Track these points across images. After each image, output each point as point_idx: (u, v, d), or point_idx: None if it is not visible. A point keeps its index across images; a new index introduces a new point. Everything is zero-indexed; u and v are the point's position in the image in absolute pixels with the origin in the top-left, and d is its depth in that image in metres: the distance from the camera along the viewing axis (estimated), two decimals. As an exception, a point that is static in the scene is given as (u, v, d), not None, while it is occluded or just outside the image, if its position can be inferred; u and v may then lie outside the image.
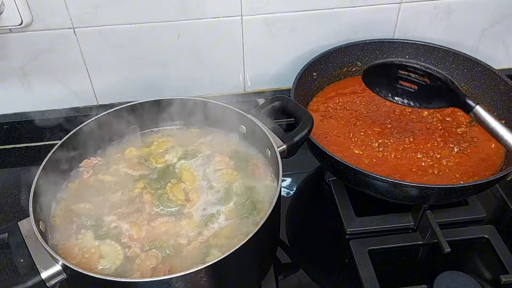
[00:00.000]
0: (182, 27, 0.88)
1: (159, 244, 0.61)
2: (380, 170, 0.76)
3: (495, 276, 0.71)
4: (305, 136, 0.70)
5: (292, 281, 0.73)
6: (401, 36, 0.96)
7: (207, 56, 0.93)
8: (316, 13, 0.90)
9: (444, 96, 0.72)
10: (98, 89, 0.95)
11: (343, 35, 0.94)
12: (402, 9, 0.92)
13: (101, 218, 0.65)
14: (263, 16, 0.89)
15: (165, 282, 0.53)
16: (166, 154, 0.75)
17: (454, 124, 0.84)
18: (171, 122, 0.79)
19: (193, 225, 0.64)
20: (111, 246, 0.62)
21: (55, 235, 0.64)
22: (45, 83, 0.92)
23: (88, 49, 0.88)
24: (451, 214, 0.79)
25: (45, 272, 0.55)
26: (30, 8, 0.81)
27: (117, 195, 0.68)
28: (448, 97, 0.72)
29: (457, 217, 0.80)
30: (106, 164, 0.73)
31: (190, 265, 0.59)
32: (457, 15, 0.94)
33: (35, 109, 0.96)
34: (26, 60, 0.88)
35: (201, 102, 0.76)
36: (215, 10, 0.86)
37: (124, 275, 0.58)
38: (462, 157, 0.78)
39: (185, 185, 0.69)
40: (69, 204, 0.68)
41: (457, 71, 0.93)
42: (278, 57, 0.96)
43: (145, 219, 0.65)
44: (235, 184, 0.69)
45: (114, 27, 0.86)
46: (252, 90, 1.00)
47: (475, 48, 0.99)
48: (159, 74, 0.94)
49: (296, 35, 0.92)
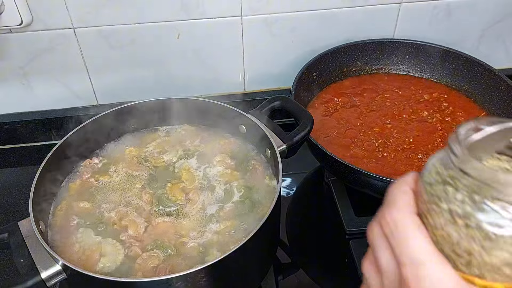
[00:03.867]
0: (182, 27, 0.88)
1: (160, 244, 0.62)
2: (380, 170, 0.76)
3: (495, 276, 0.71)
4: (305, 136, 0.70)
5: (292, 281, 0.73)
6: (401, 36, 0.96)
7: (207, 56, 0.93)
8: (316, 13, 0.90)
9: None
10: (98, 89, 0.95)
11: (343, 35, 0.94)
12: (402, 9, 0.92)
13: (101, 218, 0.65)
14: (263, 16, 0.89)
15: (164, 282, 0.53)
16: (165, 154, 0.75)
17: (454, 124, 0.84)
18: (171, 122, 0.79)
19: (193, 225, 0.64)
20: (112, 245, 0.62)
21: (55, 235, 0.64)
22: (45, 83, 0.92)
23: (88, 49, 0.88)
24: (451, 214, 0.79)
25: (45, 272, 0.55)
26: (30, 8, 0.81)
27: (117, 195, 0.69)
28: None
29: (457, 217, 0.79)
30: (106, 164, 0.73)
31: (190, 265, 0.59)
32: (457, 15, 0.94)
33: (35, 109, 0.96)
34: (26, 60, 0.88)
35: (201, 102, 0.76)
36: (215, 10, 0.86)
37: (125, 274, 0.58)
38: (462, 157, 0.78)
39: (185, 185, 0.69)
40: (69, 204, 0.68)
41: (457, 71, 0.93)
42: (278, 57, 0.96)
43: (145, 219, 0.65)
44: (235, 184, 0.69)
45: (114, 27, 0.86)
46: (252, 90, 1.00)
47: (475, 48, 0.99)
48: (159, 74, 0.94)
49: (296, 35, 0.92)
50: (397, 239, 0.32)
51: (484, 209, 0.29)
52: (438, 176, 0.32)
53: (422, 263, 0.30)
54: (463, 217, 0.30)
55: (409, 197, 0.33)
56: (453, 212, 0.30)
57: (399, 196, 0.34)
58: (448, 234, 0.31)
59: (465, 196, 0.30)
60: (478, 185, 0.29)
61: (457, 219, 0.30)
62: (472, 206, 0.30)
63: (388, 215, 0.33)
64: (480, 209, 0.29)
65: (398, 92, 0.92)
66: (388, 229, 0.33)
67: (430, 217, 0.32)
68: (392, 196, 0.34)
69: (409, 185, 0.34)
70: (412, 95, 0.92)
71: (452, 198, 0.30)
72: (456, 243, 0.30)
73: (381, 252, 0.33)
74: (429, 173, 0.33)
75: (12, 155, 0.97)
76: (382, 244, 0.33)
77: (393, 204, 0.33)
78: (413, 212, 0.32)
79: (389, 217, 0.33)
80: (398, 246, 0.32)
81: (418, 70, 0.96)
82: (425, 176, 0.33)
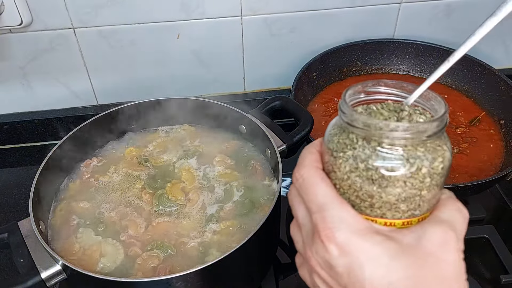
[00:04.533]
0: (182, 27, 0.88)
1: (160, 244, 0.61)
2: (380, 170, 0.76)
3: (495, 276, 0.71)
4: (305, 136, 0.70)
5: (292, 281, 0.73)
6: (401, 36, 0.96)
7: (207, 56, 0.93)
8: (316, 13, 0.90)
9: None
10: (98, 89, 0.95)
11: (343, 35, 0.94)
12: (402, 9, 0.92)
13: (101, 218, 0.65)
14: (263, 16, 0.89)
15: (164, 282, 0.53)
16: (165, 154, 0.75)
17: (454, 124, 0.84)
18: (171, 122, 0.79)
19: (193, 225, 0.64)
20: (112, 244, 0.62)
21: (55, 235, 0.64)
22: (45, 83, 0.92)
23: (88, 49, 0.88)
24: (451, 214, 0.79)
25: (45, 272, 0.55)
26: (30, 8, 0.81)
27: (117, 195, 0.68)
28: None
29: (457, 217, 0.79)
30: (106, 164, 0.73)
31: (190, 265, 0.59)
32: (457, 15, 0.94)
33: (35, 109, 0.96)
34: (26, 60, 0.88)
35: (201, 102, 0.76)
36: (215, 10, 0.86)
37: (125, 274, 0.58)
38: (461, 158, 0.78)
39: (185, 185, 0.69)
40: (69, 204, 0.68)
41: (457, 71, 0.93)
42: (278, 57, 0.96)
43: (145, 219, 0.65)
44: (235, 184, 0.69)
45: (114, 27, 0.86)
46: (252, 90, 1.00)
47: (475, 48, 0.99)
48: (159, 74, 0.94)
49: (296, 35, 0.92)
50: (305, 190, 0.36)
51: (376, 153, 0.33)
52: (336, 134, 0.36)
53: (326, 206, 0.34)
54: (364, 161, 0.34)
55: (315, 156, 0.38)
56: (356, 157, 0.34)
57: (306, 155, 0.38)
58: (352, 181, 0.35)
59: (360, 144, 0.34)
60: (366, 133, 0.34)
61: (359, 164, 0.34)
62: (368, 151, 0.34)
63: (297, 172, 0.38)
64: (374, 153, 0.33)
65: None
66: (298, 184, 0.37)
67: (335, 170, 0.36)
68: (301, 157, 0.39)
69: (316, 147, 0.39)
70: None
71: (349, 148, 0.35)
72: (359, 188, 0.34)
73: (297, 208, 0.38)
74: (329, 132, 0.37)
75: (12, 155, 0.97)
76: (297, 200, 0.38)
77: (301, 163, 0.38)
78: (317, 167, 0.37)
79: (298, 174, 0.37)
80: (306, 195, 0.36)
81: (418, 70, 0.96)
82: (326, 136, 0.37)
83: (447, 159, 0.35)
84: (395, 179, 0.33)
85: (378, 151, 0.33)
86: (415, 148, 0.33)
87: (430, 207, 0.36)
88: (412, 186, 0.34)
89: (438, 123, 0.34)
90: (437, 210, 0.36)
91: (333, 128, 0.37)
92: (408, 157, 0.33)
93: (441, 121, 0.34)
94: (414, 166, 0.33)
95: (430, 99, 0.37)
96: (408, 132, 0.33)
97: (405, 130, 0.33)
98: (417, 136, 0.33)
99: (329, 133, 0.37)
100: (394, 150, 0.33)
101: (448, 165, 0.35)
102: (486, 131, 0.84)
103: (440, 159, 0.34)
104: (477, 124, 0.85)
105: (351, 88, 0.38)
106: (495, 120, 0.86)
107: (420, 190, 0.34)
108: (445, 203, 0.36)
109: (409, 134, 0.33)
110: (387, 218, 0.35)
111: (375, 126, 0.33)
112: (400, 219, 0.35)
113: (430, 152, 0.34)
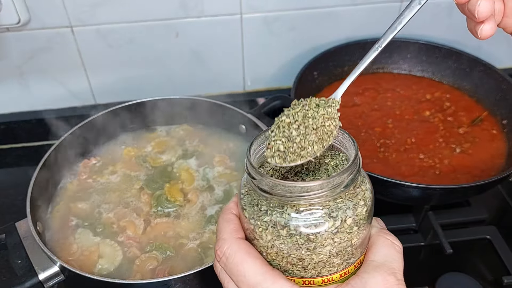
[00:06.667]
0: (181, 25, 0.87)
1: (159, 245, 0.61)
2: (381, 170, 0.75)
3: (497, 277, 0.70)
4: (306, 136, 0.69)
5: (292, 282, 0.73)
6: (402, 35, 0.95)
7: (206, 55, 0.92)
8: (317, 11, 0.89)
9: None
10: (96, 88, 0.94)
11: (344, 34, 0.94)
12: (403, 7, 0.91)
13: (99, 219, 0.65)
14: (263, 14, 0.88)
15: (163, 283, 0.52)
16: (164, 154, 0.74)
17: (456, 124, 0.84)
18: (170, 122, 0.79)
19: (192, 226, 0.64)
20: (110, 246, 0.62)
21: (53, 236, 0.63)
22: (43, 82, 0.91)
23: (85, 48, 0.88)
24: (453, 215, 0.79)
25: (42, 273, 0.55)
26: (28, 6, 0.80)
27: (115, 196, 0.68)
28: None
29: (459, 218, 0.79)
30: (104, 165, 0.73)
31: (189, 266, 0.58)
32: (459, 14, 0.93)
33: (32, 108, 0.95)
34: (23, 59, 0.88)
35: (201, 102, 0.75)
36: (214, 9, 0.86)
37: (124, 276, 0.58)
38: (464, 158, 0.78)
39: (184, 185, 0.69)
40: (67, 204, 0.67)
41: (459, 70, 0.92)
42: (278, 56, 0.95)
43: (143, 220, 0.64)
44: (235, 185, 0.69)
45: (112, 26, 0.85)
46: (252, 90, 1.00)
47: (477, 47, 0.99)
48: (158, 73, 0.94)
49: (296, 34, 0.92)
50: (231, 270, 0.33)
51: (296, 217, 0.31)
52: (249, 197, 0.33)
53: (259, 286, 0.31)
54: (285, 227, 0.31)
55: (233, 224, 0.34)
56: (276, 224, 0.31)
57: (222, 225, 0.34)
58: (278, 249, 0.32)
59: (276, 209, 0.31)
60: (280, 199, 0.31)
61: (280, 231, 0.31)
62: (286, 215, 0.31)
63: (218, 248, 0.34)
64: (293, 218, 0.31)
65: (399, 91, 0.92)
66: (222, 263, 0.34)
67: (257, 238, 0.33)
68: (219, 227, 0.35)
69: (233, 211, 0.35)
70: (414, 94, 0.91)
71: (266, 214, 0.32)
72: (287, 254, 0.32)
73: (228, 285, 0.34)
74: (242, 191, 0.34)
75: (9, 155, 0.96)
76: (226, 277, 0.34)
77: (220, 236, 0.34)
78: (238, 239, 0.33)
79: (219, 250, 0.34)
80: (235, 276, 0.33)
81: (419, 69, 0.96)
82: (241, 200, 0.34)
83: (369, 198, 0.33)
84: (322, 239, 0.31)
85: (297, 214, 0.31)
86: (334, 201, 0.31)
87: (364, 249, 0.34)
88: (341, 240, 0.31)
89: (352, 170, 0.31)
90: (371, 252, 0.34)
91: (244, 185, 0.34)
92: (329, 212, 0.31)
93: (354, 166, 0.32)
94: (338, 220, 0.31)
95: (339, 137, 0.34)
96: (323, 190, 0.30)
97: (320, 189, 0.30)
98: (334, 191, 0.31)
99: (241, 192, 0.34)
100: (314, 209, 0.31)
101: (371, 203, 0.33)
102: (489, 131, 0.83)
103: (362, 202, 0.32)
104: (480, 124, 0.85)
105: (254, 142, 0.34)
106: (498, 120, 0.85)
107: (350, 241, 0.32)
108: (376, 241, 0.35)
109: (325, 191, 0.30)
110: (324, 276, 0.33)
111: (287, 189, 0.30)
112: (337, 272, 0.33)
113: (351, 199, 0.32)
